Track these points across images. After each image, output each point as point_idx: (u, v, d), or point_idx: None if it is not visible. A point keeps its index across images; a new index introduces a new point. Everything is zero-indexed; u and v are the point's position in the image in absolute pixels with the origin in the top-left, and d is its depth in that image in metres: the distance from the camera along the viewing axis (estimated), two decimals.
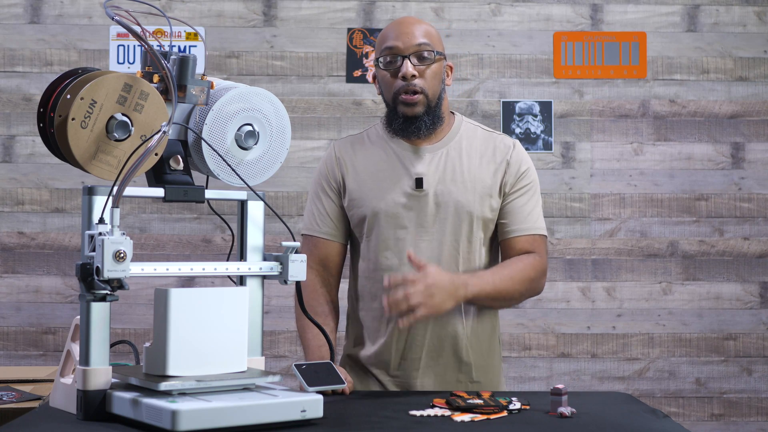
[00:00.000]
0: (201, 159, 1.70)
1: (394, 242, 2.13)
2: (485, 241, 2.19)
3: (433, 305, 1.94)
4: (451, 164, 2.16)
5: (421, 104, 2.13)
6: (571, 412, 1.71)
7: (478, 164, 2.18)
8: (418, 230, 2.13)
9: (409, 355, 2.15)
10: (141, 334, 3.72)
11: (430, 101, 2.14)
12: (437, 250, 2.13)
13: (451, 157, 2.17)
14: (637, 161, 3.86)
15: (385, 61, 2.14)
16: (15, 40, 3.76)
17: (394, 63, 2.12)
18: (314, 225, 2.22)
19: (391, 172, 2.16)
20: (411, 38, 2.11)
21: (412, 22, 2.15)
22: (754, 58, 3.88)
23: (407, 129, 2.15)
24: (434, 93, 2.14)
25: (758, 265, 3.86)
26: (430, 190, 2.14)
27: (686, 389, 3.84)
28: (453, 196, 2.14)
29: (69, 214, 3.76)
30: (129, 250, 1.49)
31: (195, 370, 1.59)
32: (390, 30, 2.15)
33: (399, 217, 2.13)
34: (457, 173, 2.16)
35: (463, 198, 2.14)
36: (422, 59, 2.12)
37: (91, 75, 1.58)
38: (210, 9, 3.80)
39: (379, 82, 2.19)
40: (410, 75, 2.10)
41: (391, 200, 2.14)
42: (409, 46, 2.11)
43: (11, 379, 2.58)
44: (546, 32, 3.87)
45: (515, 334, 3.81)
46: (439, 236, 2.13)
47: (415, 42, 2.11)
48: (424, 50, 2.12)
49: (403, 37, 2.11)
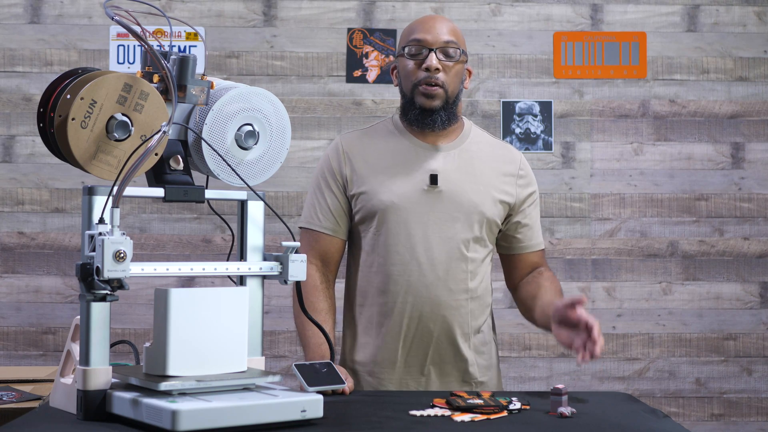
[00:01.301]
0: (201, 159, 1.70)
1: (405, 237, 2.14)
2: (489, 245, 2.21)
3: None
4: (464, 164, 2.18)
5: (440, 98, 2.15)
6: (571, 412, 1.71)
7: (489, 169, 2.20)
8: (430, 227, 2.14)
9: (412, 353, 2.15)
10: (141, 334, 3.72)
11: (448, 97, 2.16)
12: (448, 248, 2.14)
13: (464, 158, 2.19)
14: (637, 161, 3.86)
15: (410, 51, 2.16)
16: (15, 40, 3.76)
17: (420, 54, 2.15)
18: (315, 219, 2.21)
19: (405, 167, 2.17)
20: (440, 34, 2.15)
21: (442, 20, 2.20)
22: (754, 58, 3.88)
23: (423, 120, 2.17)
24: (453, 91, 2.17)
25: (758, 265, 3.86)
26: (444, 187, 2.15)
27: (686, 389, 3.84)
28: (467, 195, 2.15)
29: (69, 214, 3.75)
30: (129, 250, 1.49)
31: (195, 370, 1.59)
32: (420, 23, 2.19)
33: (412, 213, 2.14)
34: (471, 174, 2.18)
35: (476, 198, 2.16)
36: (448, 56, 2.15)
37: (91, 75, 1.58)
38: (210, 9, 3.80)
39: (399, 72, 2.21)
40: (434, 68, 2.13)
41: (404, 195, 2.14)
42: (438, 40, 2.14)
43: (11, 379, 2.58)
44: (546, 32, 3.87)
45: (515, 334, 3.81)
46: (451, 234, 2.14)
47: (444, 38, 2.15)
48: (450, 47, 2.15)
49: (433, 31, 2.15)
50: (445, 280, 2.14)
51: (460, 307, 2.15)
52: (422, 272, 2.13)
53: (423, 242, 2.13)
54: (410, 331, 2.14)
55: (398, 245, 2.14)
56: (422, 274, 2.13)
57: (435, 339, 2.15)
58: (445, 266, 2.14)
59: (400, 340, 2.15)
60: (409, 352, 2.15)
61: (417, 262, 2.13)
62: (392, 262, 2.14)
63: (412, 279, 2.13)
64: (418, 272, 2.13)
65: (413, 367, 2.16)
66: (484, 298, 2.22)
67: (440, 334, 2.15)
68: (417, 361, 2.16)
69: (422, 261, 2.13)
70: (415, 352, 2.15)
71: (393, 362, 2.16)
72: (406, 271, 2.13)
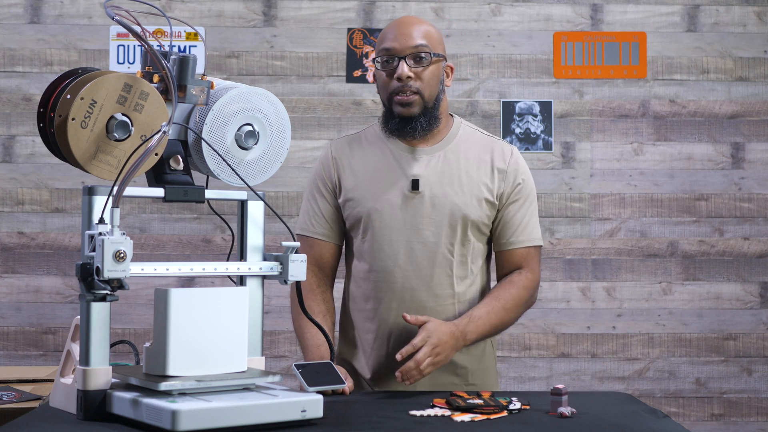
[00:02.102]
0: (201, 159, 1.70)
1: (388, 243, 2.13)
2: (479, 245, 2.18)
3: (439, 362, 1.99)
4: (448, 167, 2.15)
5: (417, 105, 2.11)
6: (571, 412, 1.71)
7: (476, 168, 2.16)
8: (413, 232, 2.12)
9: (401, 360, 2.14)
10: (141, 334, 3.72)
11: (426, 102, 2.12)
12: (431, 253, 2.12)
13: (449, 160, 2.16)
14: (637, 161, 3.86)
15: (382, 61, 2.13)
16: (15, 40, 3.76)
17: (391, 63, 2.11)
18: (309, 225, 2.21)
19: (388, 173, 2.15)
20: (408, 39, 2.10)
21: (411, 23, 2.14)
22: (754, 58, 3.88)
23: (403, 129, 2.14)
24: (431, 94, 2.13)
25: (758, 265, 3.86)
26: (426, 191, 2.13)
27: (686, 389, 3.84)
28: (449, 199, 2.13)
29: (69, 214, 3.76)
30: (129, 250, 1.49)
31: (195, 370, 1.59)
32: (389, 30, 2.14)
33: (394, 219, 2.12)
34: (454, 176, 2.15)
35: (459, 201, 2.13)
36: (419, 61, 2.10)
37: (91, 75, 1.58)
38: (210, 9, 3.80)
39: (377, 81, 2.19)
40: (405, 76, 2.09)
41: (386, 201, 2.13)
42: (406, 47, 2.10)
43: (11, 379, 2.58)
44: (546, 32, 3.87)
45: (515, 334, 3.81)
46: (434, 239, 2.12)
47: (412, 43, 2.10)
48: (421, 52, 2.10)
49: (401, 38, 2.10)
50: (429, 286, 2.12)
51: (446, 312, 2.13)
52: (406, 278, 2.12)
53: (406, 248, 2.12)
54: (397, 337, 2.13)
55: (381, 252, 2.13)
56: (406, 280, 2.12)
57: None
58: (428, 271, 2.12)
59: (388, 346, 2.14)
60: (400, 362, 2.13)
61: (400, 269, 2.11)
62: (376, 269, 2.13)
63: (396, 285, 2.12)
64: (402, 278, 2.12)
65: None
66: (474, 301, 2.17)
67: None
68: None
69: (405, 267, 2.12)
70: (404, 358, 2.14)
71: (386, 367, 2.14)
72: (389, 278, 2.12)
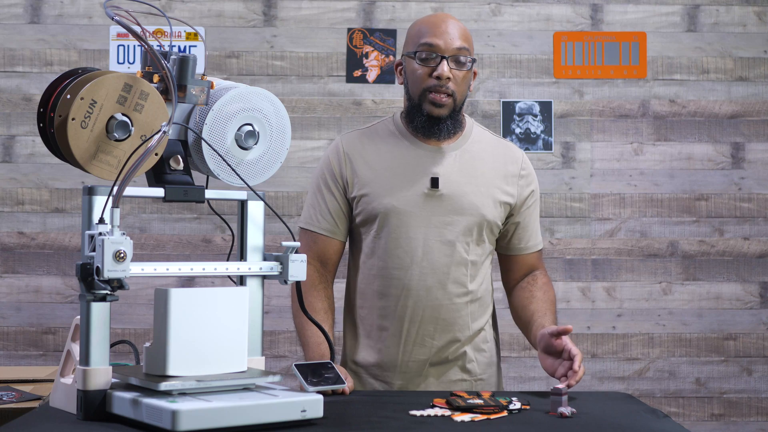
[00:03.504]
0: (201, 159, 1.70)
1: (406, 241, 2.12)
2: (489, 246, 2.20)
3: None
4: (465, 166, 2.16)
5: (448, 107, 2.11)
6: (571, 412, 1.71)
7: (491, 170, 2.18)
8: (430, 230, 2.12)
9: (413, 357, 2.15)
10: (141, 334, 3.72)
11: (456, 105, 2.12)
12: (448, 251, 2.13)
13: (465, 159, 2.16)
14: (637, 161, 3.86)
15: (421, 56, 2.10)
16: (15, 40, 3.76)
17: (431, 60, 2.09)
18: (314, 220, 2.20)
19: (405, 170, 2.14)
20: (453, 40, 2.09)
21: (454, 23, 2.12)
22: (754, 58, 3.88)
23: (430, 129, 2.13)
24: (461, 98, 2.14)
25: (758, 265, 3.86)
26: (446, 190, 2.13)
27: (686, 389, 3.84)
28: (468, 198, 2.13)
29: (69, 214, 3.75)
30: (129, 250, 1.49)
31: (195, 370, 1.59)
32: (431, 25, 2.11)
33: (413, 216, 2.12)
34: (472, 176, 2.15)
35: (477, 201, 2.14)
36: (459, 64, 2.10)
37: (91, 75, 1.58)
38: (210, 9, 3.80)
39: (407, 74, 2.15)
40: (446, 77, 2.07)
41: (404, 198, 2.12)
42: (450, 47, 2.09)
43: (11, 379, 2.58)
44: (546, 32, 3.87)
45: (515, 334, 3.80)
46: (452, 237, 2.13)
47: (456, 45, 2.09)
48: (462, 54, 2.09)
49: (446, 36, 2.09)
50: (446, 284, 2.13)
51: (460, 310, 2.15)
52: (422, 276, 2.12)
53: (423, 246, 2.12)
54: (411, 334, 2.14)
55: (398, 249, 2.13)
56: (422, 278, 2.12)
57: (436, 341, 2.14)
58: (445, 269, 2.13)
59: (401, 343, 2.14)
60: (411, 355, 2.15)
61: (417, 266, 2.12)
62: (392, 266, 2.13)
63: (412, 283, 2.12)
64: (418, 276, 2.12)
65: (414, 370, 2.16)
66: (485, 299, 2.21)
67: (441, 337, 2.14)
68: (417, 365, 2.15)
69: (422, 265, 2.12)
70: (417, 355, 2.15)
71: (395, 365, 2.15)
72: (406, 275, 2.12)
